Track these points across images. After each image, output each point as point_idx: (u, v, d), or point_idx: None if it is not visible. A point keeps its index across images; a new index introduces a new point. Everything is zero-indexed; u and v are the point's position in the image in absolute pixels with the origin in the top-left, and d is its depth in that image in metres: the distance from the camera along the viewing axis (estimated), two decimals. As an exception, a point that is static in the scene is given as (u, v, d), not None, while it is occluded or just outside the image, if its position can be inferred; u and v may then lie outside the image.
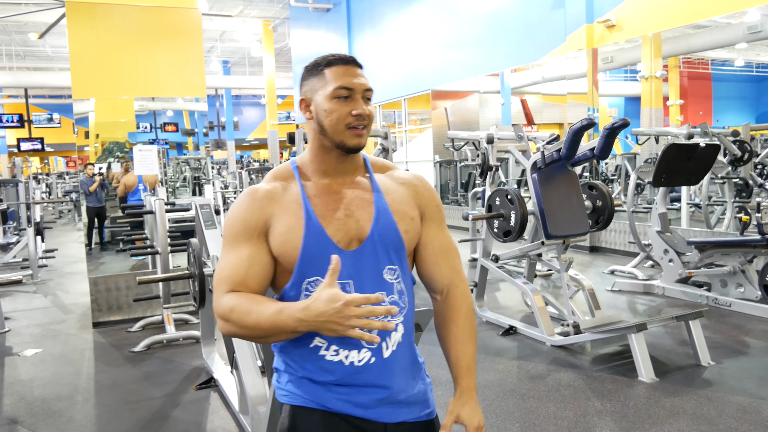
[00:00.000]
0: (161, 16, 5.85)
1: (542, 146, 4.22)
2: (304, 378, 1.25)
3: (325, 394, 1.23)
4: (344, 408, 1.23)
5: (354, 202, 1.25)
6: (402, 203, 1.29)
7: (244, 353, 2.96)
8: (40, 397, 3.66)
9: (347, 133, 1.22)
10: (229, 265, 1.22)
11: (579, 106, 8.19)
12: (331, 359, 1.21)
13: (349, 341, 1.20)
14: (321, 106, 1.23)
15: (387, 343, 1.23)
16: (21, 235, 8.36)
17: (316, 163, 1.28)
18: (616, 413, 3.11)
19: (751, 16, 7.64)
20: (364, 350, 1.21)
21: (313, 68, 1.26)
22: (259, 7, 16.28)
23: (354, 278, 1.21)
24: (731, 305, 4.88)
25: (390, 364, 1.23)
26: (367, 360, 1.21)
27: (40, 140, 20.85)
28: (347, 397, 1.23)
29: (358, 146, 1.24)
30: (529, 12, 8.73)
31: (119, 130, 6.25)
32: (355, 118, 1.21)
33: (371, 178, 1.30)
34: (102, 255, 7.32)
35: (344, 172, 1.28)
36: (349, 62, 1.24)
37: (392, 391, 1.24)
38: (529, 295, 4.35)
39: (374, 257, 1.23)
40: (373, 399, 1.23)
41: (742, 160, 6.65)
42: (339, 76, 1.22)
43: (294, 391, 1.26)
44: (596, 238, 7.89)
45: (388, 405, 1.24)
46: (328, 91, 1.22)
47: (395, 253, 1.25)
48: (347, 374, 1.21)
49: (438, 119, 11.88)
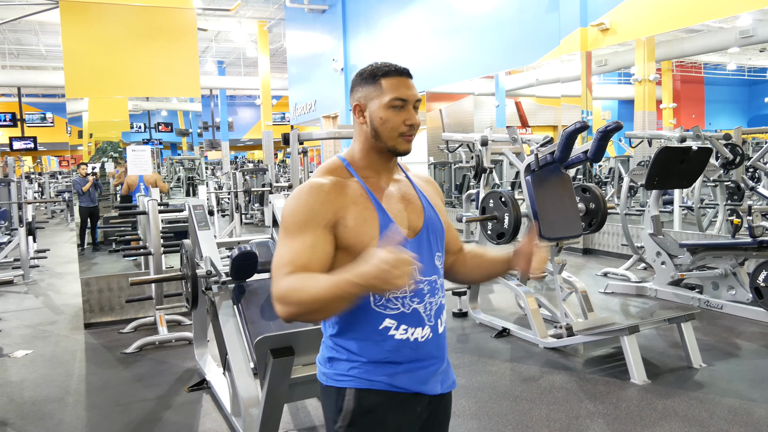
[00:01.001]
0: (156, 16, 5.84)
1: (536, 149, 4.23)
2: (369, 362, 1.34)
3: (393, 373, 1.34)
4: (408, 385, 1.36)
5: (405, 197, 1.41)
6: (434, 198, 1.48)
7: (237, 355, 2.96)
8: (31, 398, 3.63)
9: (400, 140, 1.37)
10: (292, 251, 1.27)
11: (573, 108, 8.22)
12: (400, 338, 1.34)
13: (414, 320, 1.35)
14: (376, 114, 1.35)
15: (441, 320, 1.41)
16: (12, 235, 8.30)
17: (366, 161, 1.40)
18: (609, 415, 3.12)
19: (744, 20, 7.69)
20: (426, 327, 1.36)
21: (370, 77, 1.37)
22: (254, 8, 16.25)
23: (418, 264, 1.32)
24: (723, 308, 4.90)
25: (442, 338, 1.42)
26: (428, 336, 1.37)
27: (33, 139, 20.73)
28: (412, 374, 1.36)
29: (407, 151, 1.39)
30: (523, 15, 8.76)
31: (113, 130, 6.23)
32: (408, 127, 1.36)
33: (407, 176, 1.48)
34: (94, 255, 7.28)
35: (388, 170, 1.43)
36: (404, 74, 1.37)
37: (440, 364, 1.41)
38: (523, 297, 4.36)
39: (428, 245, 1.40)
40: (430, 371, 1.38)
41: (733, 164, 6.69)
42: (395, 88, 1.34)
43: (359, 376, 1.34)
44: (589, 240, 7.92)
45: (436, 376, 1.40)
46: (385, 101, 1.34)
47: (440, 242, 1.44)
48: (413, 350, 1.35)
49: (433, 121, 11.89)
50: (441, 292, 1.42)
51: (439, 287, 1.42)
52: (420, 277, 1.36)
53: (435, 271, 1.40)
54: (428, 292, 1.37)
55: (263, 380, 2.49)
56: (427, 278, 1.38)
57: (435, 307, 1.39)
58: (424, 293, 1.36)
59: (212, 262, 3.27)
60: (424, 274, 1.37)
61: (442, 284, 1.43)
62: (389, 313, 1.33)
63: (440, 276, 1.43)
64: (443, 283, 1.45)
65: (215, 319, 3.16)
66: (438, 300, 1.40)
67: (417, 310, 1.35)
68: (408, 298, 1.34)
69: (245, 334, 2.97)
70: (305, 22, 14.97)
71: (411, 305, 1.34)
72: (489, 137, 4.97)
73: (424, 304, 1.36)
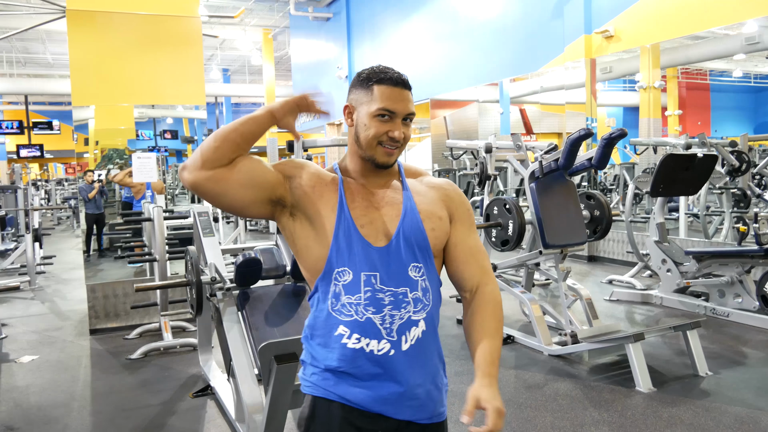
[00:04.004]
0: (161, 25, 5.88)
1: (540, 156, 4.24)
2: (326, 370, 1.30)
3: (346, 386, 1.28)
4: (362, 401, 1.27)
5: (384, 200, 1.33)
6: (430, 204, 1.36)
7: (241, 361, 2.96)
8: (36, 404, 3.64)
9: (379, 150, 1.29)
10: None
11: (577, 115, 8.22)
12: (352, 347, 1.26)
13: (368, 330, 1.25)
14: (362, 119, 1.30)
15: (406, 337, 1.27)
16: (19, 241, 8.35)
17: (353, 165, 1.36)
18: (614, 423, 3.11)
19: (749, 27, 7.68)
20: (384, 341, 1.26)
21: (365, 80, 1.30)
22: (259, 16, 16.35)
23: (380, 271, 1.27)
24: (729, 315, 4.88)
25: (408, 359, 1.27)
26: (386, 351, 1.26)
27: (40, 147, 20.85)
28: (367, 391, 1.27)
29: (386, 164, 1.31)
30: (528, 22, 8.78)
31: (119, 137, 6.26)
32: (389, 139, 1.28)
33: (403, 182, 1.38)
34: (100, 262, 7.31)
35: (378, 177, 1.36)
36: (399, 84, 1.29)
37: (407, 386, 1.27)
38: (527, 304, 4.34)
39: (400, 254, 1.29)
40: (389, 392, 1.27)
41: (740, 171, 6.66)
42: (385, 98, 1.27)
43: (316, 383, 1.31)
44: (594, 247, 7.90)
45: (403, 401, 1.28)
46: (371, 109, 1.28)
47: (420, 251, 1.31)
48: (366, 363, 1.26)
49: (437, 128, 11.90)
50: (413, 306, 1.28)
51: (410, 301, 1.28)
52: (381, 286, 1.26)
53: (406, 283, 1.28)
54: (390, 304, 1.26)
55: (267, 386, 2.49)
56: (392, 289, 1.27)
57: (400, 322, 1.26)
58: (384, 304, 1.26)
59: (217, 268, 3.27)
60: (389, 284, 1.27)
61: (416, 299, 1.28)
62: (343, 319, 1.27)
63: (416, 289, 1.29)
64: (421, 298, 1.29)
65: (220, 325, 3.17)
66: (405, 314, 1.27)
67: (371, 321, 1.25)
68: (362, 306, 1.26)
69: (249, 340, 2.97)
70: (310, 30, 15.05)
71: (365, 314, 1.26)
72: (493, 144, 4.97)
73: (382, 316, 1.26)
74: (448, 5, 10.49)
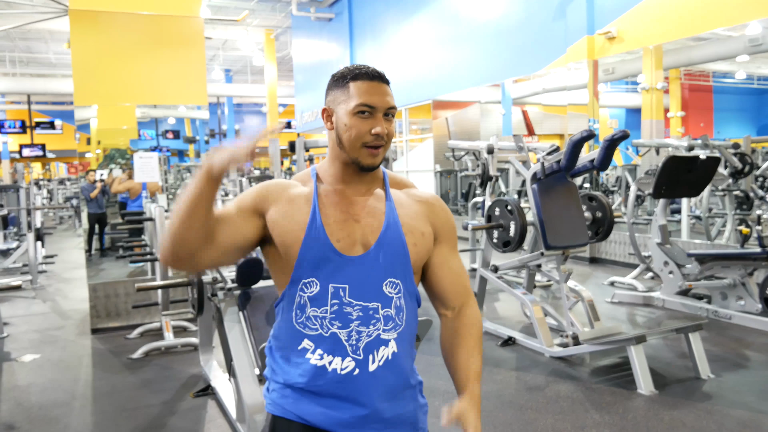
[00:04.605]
0: (164, 25, 5.89)
1: (542, 157, 4.23)
2: (287, 386, 1.23)
3: (307, 405, 1.21)
4: (322, 422, 1.20)
5: (365, 209, 1.26)
6: (414, 218, 1.29)
7: (242, 361, 2.96)
8: (38, 403, 3.64)
9: (363, 152, 1.22)
10: None
11: (580, 117, 8.21)
12: (315, 363, 1.20)
13: (332, 347, 1.19)
14: (341, 120, 1.22)
15: (374, 356, 1.20)
16: (21, 240, 8.36)
17: (333, 170, 1.28)
18: (615, 426, 3.10)
19: (752, 28, 7.68)
20: (348, 359, 1.19)
21: (340, 79, 1.25)
22: (261, 17, 16.36)
23: (351, 284, 1.20)
24: (731, 318, 4.86)
25: (374, 380, 1.20)
26: (351, 370, 1.19)
27: (42, 146, 20.90)
28: (328, 411, 1.20)
29: (372, 166, 1.24)
30: (530, 23, 8.78)
31: (121, 137, 6.27)
32: (373, 137, 1.21)
33: (387, 191, 1.30)
34: (102, 261, 7.32)
35: (360, 182, 1.28)
36: (375, 78, 1.23)
37: (372, 409, 1.20)
38: (529, 305, 4.34)
39: (376, 267, 1.21)
40: (353, 416, 1.19)
41: (742, 173, 6.66)
42: (362, 93, 1.21)
43: (276, 401, 1.25)
44: (596, 249, 7.89)
45: (367, 424, 1.20)
46: (350, 107, 1.21)
47: (399, 267, 1.24)
48: (329, 382, 1.19)
49: (439, 129, 11.90)
50: (383, 324, 1.20)
51: (381, 318, 1.20)
52: (349, 299, 1.20)
53: (379, 299, 1.21)
54: (358, 319, 1.19)
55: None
56: (361, 303, 1.20)
57: (367, 339, 1.19)
58: (351, 319, 1.19)
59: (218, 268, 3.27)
60: (361, 298, 1.19)
61: (388, 316, 1.21)
62: (308, 333, 1.21)
63: (388, 306, 1.21)
64: (393, 316, 1.22)
65: (221, 325, 3.16)
66: (374, 332, 1.19)
67: (336, 336, 1.19)
68: (328, 320, 1.19)
69: (250, 340, 2.97)
70: (312, 31, 15.06)
71: (330, 328, 1.19)
72: (495, 145, 4.97)
73: (349, 332, 1.19)
74: (451, 6, 10.49)
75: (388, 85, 1.25)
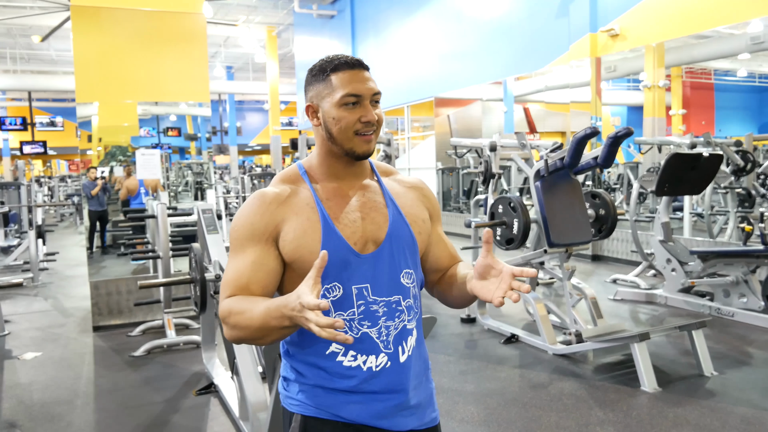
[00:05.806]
0: (166, 21, 5.87)
1: (545, 154, 4.22)
2: (317, 387, 1.23)
3: (341, 402, 1.22)
4: (359, 417, 1.22)
5: (368, 205, 1.26)
6: (413, 207, 1.31)
7: (245, 359, 2.95)
8: (40, 400, 3.64)
9: (356, 140, 1.21)
10: (234, 269, 1.21)
11: (582, 114, 8.19)
12: (349, 365, 1.20)
13: (365, 347, 1.20)
14: (329, 114, 1.21)
15: (403, 348, 1.23)
16: (22, 238, 8.36)
17: (325, 167, 1.27)
18: (619, 423, 3.09)
19: (754, 26, 7.65)
20: (381, 355, 1.21)
21: (319, 73, 1.23)
22: (263, 14, 16.35)
23: (371, 282, 1.21)
24: (734, 315, 4.86)
25: (405, 369, 1.23)
26: (384, 365, 1.21)
27: (43, 143, 20.91)
28: (363, 406, 1.21)
29: (367, 153, 1.23)
30: (532, 20, 8.76)
31: (122, 134, 6.25)
32: (363, 125, 1.20)
33: (380, 181, 1.31)
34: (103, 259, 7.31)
35: (353, 176, 1.28)
36: (355, 66, 1.21)
37: (407, 396, 1.24)
38: (532, 303, 4.33)
39: (391, 261, 1.23)
40: (388, 406, 1.22)
41: (744, 170, 6.64)
42: (346, 83, 1.19)
43: (305, 401, 1.24)
44: (599, 246, 7.88)
45: (401, 411, 1.24)
46: (336, 99, 1.19)
47: (411, 257, 1.27)
48: (364, 380, 1.20)
49: (441, 126, 11.89)
50: (407, 315, 1.24)
51: (404, 309, 1.23)
52: (374, 297, 1.20)
53: (398, 291, 1.23)
54: (384, 315, 1.21)
55: (271, 384, 2.48)
56: (385, 299, 1.21)
57: (395, 332, 1.22)
58: (378, 316, 1.20)
59: (221, 265, 3.27)
60: (382, 294, 1.21)
61: (409, 306, 1.24)
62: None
63: (408, 296, 1.24)
64: (413, 305, 1.26)
65: (224, 322, 3.15)
66: (400, 324, 1.22)
67: (368, 335, 1.19)
68: (356, 321, 1.19)
69: (254, 338, 2.97)
70: (314, 28, 15.04)
71: (360, 329, 1.19)
72: (497, 143, 4.95)
73: (378, 329, 1.20)
74: (453, 3, 10.47)
75: (369, 71, 1.23)
